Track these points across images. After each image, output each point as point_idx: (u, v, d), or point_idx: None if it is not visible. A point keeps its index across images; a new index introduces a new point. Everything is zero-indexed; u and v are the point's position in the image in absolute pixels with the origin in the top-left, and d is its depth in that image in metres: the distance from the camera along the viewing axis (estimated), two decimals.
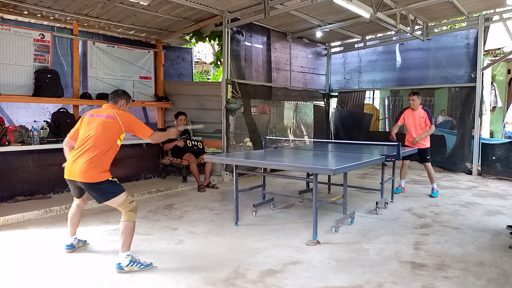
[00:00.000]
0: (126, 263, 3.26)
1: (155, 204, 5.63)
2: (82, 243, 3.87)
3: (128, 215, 3.34)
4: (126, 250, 3.30)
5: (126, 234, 3.30)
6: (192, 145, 6.87)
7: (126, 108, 3.68)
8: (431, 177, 6.31)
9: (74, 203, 3.73)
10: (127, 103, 3.69)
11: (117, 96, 3.64)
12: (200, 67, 14.71)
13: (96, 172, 3.31)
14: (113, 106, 3.59)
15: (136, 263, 3.30)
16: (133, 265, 3.28)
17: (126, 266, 3.26)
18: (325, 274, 3.22)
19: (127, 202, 3.36)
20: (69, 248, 3.71)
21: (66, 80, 6.63)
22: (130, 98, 3.74)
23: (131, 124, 3.49)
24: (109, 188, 3.35)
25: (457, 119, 8.66)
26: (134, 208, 3.39)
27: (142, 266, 3.31)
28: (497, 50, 9.98)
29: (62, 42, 6.67)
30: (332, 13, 7.67)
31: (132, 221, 3.34)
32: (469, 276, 3.21)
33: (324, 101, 10.50)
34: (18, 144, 5.28)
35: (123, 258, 3.28)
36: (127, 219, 3.33)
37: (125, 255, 3.28)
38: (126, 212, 3.34)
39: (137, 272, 3.25)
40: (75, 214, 3.73)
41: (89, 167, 3.29)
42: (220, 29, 7.46)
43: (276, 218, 4.90)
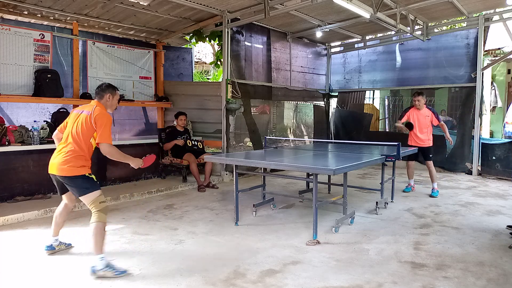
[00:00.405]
0: (101, 267, 3.17)
1: (155, 204, 5.63)
2: (64, 245, 3.78)
3: (97, 216, 3.28)
4: (99, 252, 3.22)
5: (96, 236, 3.23)
6: (192, 145, 6.87)
7: (113, 102, 3.59)
8: (432, 176, 6.33)
9: (62, 202, 3.68)
10: (113, 96, 3.58)
11: (101, 91, 3.55)
12: (200, 67, 14.71)
13: (72, 165, 3.30)
14: (97, 102, 3.51)
15: (111, 268, 3.20)
16: (108, 270, 3.18)
17: (99, 270, 3.17)
18: (325, 274, 3.22)
19: (98, 201, 3.32)
20: (48, 249, 3.64)
21: (66, 80, 6.63)
22: (115, 90, 3.62)
23: (98, 122, 3.33)
24: (84, 183, 3.33)
25: (457, 119, 8.66)
26: (104, 209, 3.34)
27: (117, 272, 3.20)
28: (497, 50, 9.97)
29: (62, 42, 6.66)
30: (332, 13, 7.67)
31: (102, 222, 3.28)
32: (469, 276, 3.21)
33: (324, 101, 10.50)
34: (18, 144, 5.28)
35: (98, 261, 3.19)
36: (97, 220, 3.26)
37: (99, 258, 3.20)
38: (96, 212, 3.29)
39: (112, 278, 3.14)
40: (61, 214, 3.67)
41: (66, 161, 3.31)
42: (220, 29, 7.46)
43: (276, 218, 4.90)
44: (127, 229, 4.41)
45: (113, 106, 3.64)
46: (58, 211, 3.68)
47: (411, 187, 6.60)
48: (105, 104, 3.55)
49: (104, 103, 3.54)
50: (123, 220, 4.81)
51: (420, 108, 6.37)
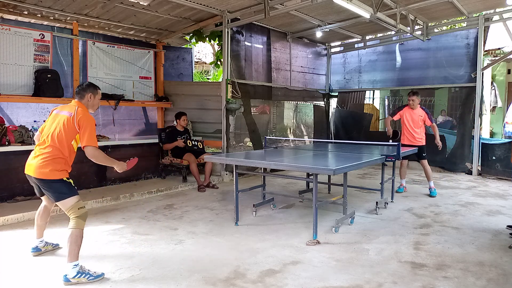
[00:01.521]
0: (73, 275, 3.06)
1: (155, 204, 5.63)
2: (51, 246, 3.73)
3: (75, 222, 3.16)
4: (73, 260, 3.09)
5: (72, 243, 3.10)
6: (192, 145, 6.87)
7: (94, 101, 3.47)
8: (428, 174, 6.36)
9: (42, 204, 3.61)
10: (94, 96, 3.45)
11: (82, 91, 3.41)
12: (200, 67, 14.71)
13: (50, 169, 3.17)
14: (78, 102, 3.37)
15: (84, 274, 3.09)
16: (81, 277, 3.07)
17: (73, 278, 3.05)
18: (325, 274, 3.22)
19: (76, 207, 3.19)
20: (34, 251, 3.58)
21: (66, 80, 6.63)
22: (96, 89, 3.49)
23: (82, 124, 3.21)
24: (61, 188, 3.20)
25: (457, 119, 8.66)
26: (83, 215, 3.21)
27: (91, 277, 3.09)
28: (497, 50, 9.98)
29: (62, 42, 6.66)
30: (332, 13, 7.67)
31: (80, 229, 3.16)
32: (469, 276, 3.21)
33: (324, 101, 10.50)
34: (18, 144, 5.28)
35: (70, 269, 3.07)
36: (74, 226, 3.14)
37: (71, 266, 3.08)
38: (74, 218, 3.17)
39: (86, 283, 3.04)
40: (41, 216, 3.59)
41: (43, 164, 3.17)
42: (220, 29, 7.46)
43: (276, 218, 4.90)
44: (127, 229, 4.41)
45: (94, 106, 3.50)
46: (38, 213, 3.61)
47: (403, 187, 6.59)
48: (86, 104, 3.41)
49: (86, 103, 3.41)
50: (123, 220, 4.81)
51: (414, 107, 6.41)
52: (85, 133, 3.21)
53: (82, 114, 3.27)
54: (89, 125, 3.23)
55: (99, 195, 5.76)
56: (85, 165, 6.00)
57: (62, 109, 3.38)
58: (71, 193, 3.22)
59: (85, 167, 5.99)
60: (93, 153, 3.23)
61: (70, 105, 3.38)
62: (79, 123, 3.22)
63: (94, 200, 5.48)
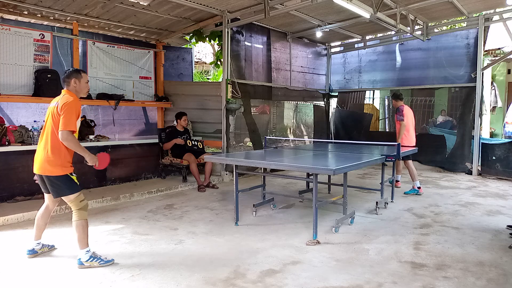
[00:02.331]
0: (86, 259, 3.31)
1: (155, 204, 5.63)
2: (47, 248, 3.72)
3: (78, 214, 3.33)
4: (84, 247, 3.33)
5: (80, 233, 3.32)
6: (192, 145, 6.87)
7: (81, 85, 3.45)
8: (412, 174, 6.38)
9: (44, 204, 3.62)
10: (79, 80, 3.43)
11: (66, 78, 3.43)
12: (200, 67, 14.71)
13: (52, 165, 3.26)
14: (66, 90, 3.41)
15: (96, 258, 3.34)
16: (93, 261, 3.32)
17: (86, 261, 3.30)
18: (325, 274, 3.22)
19: (78, 200, 3.34)
20: (30, 253, 3.56)
21: None
22: (80, 73, 3.46)
23: (64, 108, 3.21)
24: (64, 185, 3.30)
25: (457, 119, 8.66)
26: (84, 207, 3.38)
27: (102, 261, 3.34)
28: (497, 50, 9.98)
29: (62, 42, 6.66)
30: (332, 13, 7.67)
31: (84, 219, 3.35)
32: (469, 276, 3.21)
33: (324, 101, 10.50)
34: (18, 144, 5.28)
35: (83, 254, 3.32)
36: (78, 218, 3.33)
37: (84, 252, 3.33)
38: (76, 210, 3.33)
39: (98, 267, 3.30)
40: (42, 216, 3.60)
41: (45, 160, 3.27)
42: (220, 29, 7.46)
43: (276, 218, 4.90)
44: (127, 229, 4.41)
45: (83, 89, 3.49)
46: (39, 214, 3.62)
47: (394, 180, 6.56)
48: (74, 90, 3.42)
49: (73, 89, 3.42)
50: (123, 220, 4.81)
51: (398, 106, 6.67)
52: (63, 117, 3.19)
53: (65, 100, 3.28)
54: (68, 110, 3.21)
55: (99, 195, 5.76)
56: (85, 165, 5.97)
57: (53, 101, 3.42)
58: (72, 190, 3.33)
59: (85, 167, 5.92)
60: (65, 137, 3.20)
61: (60, 95, 3.41)
62: (61, 109, 3.23)
63: (94, 200, 5.48)
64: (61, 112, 3.22)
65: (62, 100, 3.29)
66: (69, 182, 3.33)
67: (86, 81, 3.54)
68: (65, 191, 3.32)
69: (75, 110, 3.28)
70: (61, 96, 3.39)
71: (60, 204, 5.14)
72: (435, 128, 9.22)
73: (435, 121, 9.41)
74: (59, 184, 3.31)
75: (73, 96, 3.38)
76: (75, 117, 3.27)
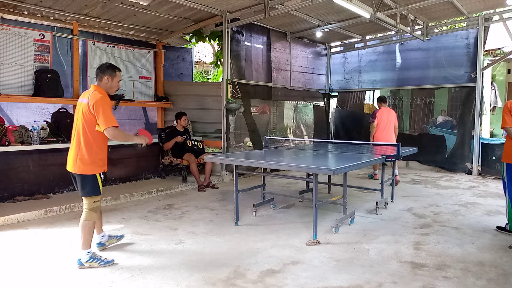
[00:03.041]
0: (86, 259, 3.32)
1: (155, 204, 5.63)
2: (116, 238, 3.89)
3: (87, 214, 3.37)
4: (86, 248, 3.35)
5: (85, 233, 3.35)
6: (192, 145, 6.87)
7: (113, 84, 3.44)
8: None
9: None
10: (112, 78, 3.41)
11: (100, 73, 3.40)
12: (200, 67, 14.71)
13: (84, 163, 3.30)
14: (95, 86, 3.39)
15: (96, 259, 3.35)
16: (93, 261, 3.33)
17: (86, 262, 3.32)
18: (325, 274, 3.22)
19: (92, 200, 3.38)
20: (99, 246, 3.72)
21: (66, 80, 6.63)
22: (115, 71, 3.44)
23: (96, 108, 3.21)
24: (88, 185, 3.34)
25: (457, 119, 8.66)
26: (95, 208, 3.41)
27: (102, 262, 3.35)
28: (497, 50, 9.98)
29: (62, 42, 6.66)
30: (332, 13, 7.67)
31: (91, 220, 3.38)
32: (469, 276, 3.21)
33: (324, 101, 10.49)
34: (18, 144, 5.28)
35: (84, 255, 3.33)
36: (86, 218, 3.37)
37: (85, 252, 3.34)
38: (87, 210, 3.38)
39: (98, 268, 3.31)
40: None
41: (78, 158, 3.30)
42: (220, 29, 7.46)
43: (276, 218, 4.90)
44: (127, 229, 4.41)
45: (113, 88, 3.48)
46: None
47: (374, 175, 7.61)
48: (105, 87, 3.42)
49: (104, 86, 3.41)
50: (123, 220, 4.81)
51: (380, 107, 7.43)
52: (100, 116, 3.22)
53: (95, 98, 3.26)
54: (101, 107, 3.22)
55: None
56: None
57: (82, 97, 3.41)
58: (93, 193, 3.37)
59: None
60: (113, 133, 3.26)
61: (88, 90, 3.41)
62: (94, 108, 3.23)
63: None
64: (95, 111, 3.22)
65: (91, 98, 3.26)
66: (94, 183, 3.36)
67: (118, 80, 3.51)
68: (88, 192, 3.36)
69: (108, 105, 3.31)
70: (90, 92, 3.35)
71: (60, 204, 5.18)
72: (435, 128, 9.22)
73: (435, 121, 9.40)
74: (85, 182, 3.34)
75: (102, 92, 3.37)
76: (111, 111, 3.31)
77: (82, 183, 3.35)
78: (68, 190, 5.96)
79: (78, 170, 3.31)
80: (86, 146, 3.29)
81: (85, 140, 3.29)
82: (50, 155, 5.72)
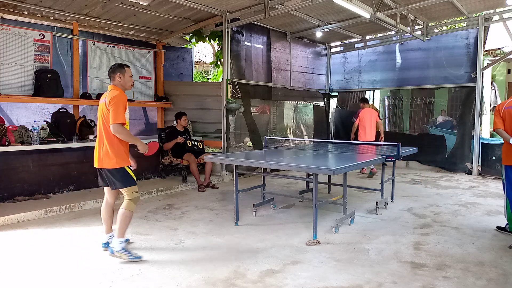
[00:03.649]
0: (118, 249, 3.45)
1: (155, 204, 5.63)
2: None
3: (127, 204, 3.50)
4: (120, 237, 3.48)
5: (121, 221, 3.48)
6: (192, 145, 6.87)
7: (126, 79, 3.61)
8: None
9: (104, 199, 3.79)
10: (123, 74, 3.59)
11: (111, 74, 3.59)
12: (200, 67, 14.71)
13: (109, 158, 3.46)
14: (111, 86, 3.58)
15: (127, 251, 3.47)
16: (123, 253, 3.45)
17: (117, 252, 3.46)
18: (325, 274, 3.22)
19: (131, 190, 3.51)
20: (105, 247, 3.74)
21: (66, 80, 6.63)
22: (123, 67, 3.61)
23: (110, 102, 3.38)
24: (121, 177, 3.48)
25: (457, 119, 8.66)
26: (135, 199, 3.52)
27: (131, 256, 3.45)
28: (497, 50, 9.97)
29: (62, 42, 6.66)
30: (332, 13, 7.67)
31: (129, 211, 3.50)
32: (469, 276, 3.21)
33: (324, 101, 10.49)
34: (18, 144, 5.27)
35: (117, 244, 3.47)
36: (125, 208, 3.49)
37: (119, 241, 3.47)
38: (126, 200, 3.51)
39: (126, 260, 3.42)
40: (104, 210, 3.76)
41: (103, 154, 3.48)
42: (220, 29, 7.46)
43: (276, 218, 4.90)
44: (127, 229, 4.40)
45: (127, 83, 3.64)
46: (102, 209, 3.79)
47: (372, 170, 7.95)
48: (119, 84, 3.58)
49: (118, 84, 3.58)
50: None
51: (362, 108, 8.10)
52: (111, 111, 3.38)
53: (112, 95, 3.44)
54: (115, 104, 3.38)
55: (99, 195, 5.75)
56: (85, 165, 6.00)
57: (102, 98, 3.60)
58: (128, 184, 3.50)
59: (85, 167, 5.99)
60: (116, 129, 3.38)
61: (107, 91, 3.58)
62: (109, 104, 3.40)
63: (94, 200, 5.48)
64: (109, 107, 3.39)
65: (109, 96, 3.45)
66: (125, 174, 3.50)
67: (130, 75, 3.67)
68: (121, 183, 3.49)
69: (122, 103, 3.44)
70: (108, 92, 3.54)
71: (60, 204, 5.17)
72: (435, 128, 9.22)
73: (435, 121, 9.40)
74: (116, 176, 3.48)
75: (119, 90, 3.55)
76: (123, 110, 3.42)
77: (113, 177, 3.50)
78: (68, 190, 5.96)
79: (106, 165, 3.48)
80: (109, 142, 3.47)
81: (107, 137, 3.47)
82: (50, 155, 5.72)
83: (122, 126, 3.41)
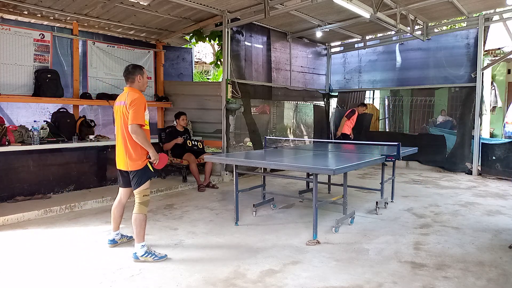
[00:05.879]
0: (141, 254, 3.45)
1: (155, 204, 5.63)
2: (126, 238, 3.95)
3: (138, 207, 3.51)
4: (140, 241, 3.47)
5: (137, 226, 3.48)
6: (192, 145, 6.87)
7: (144, 80, 3.61)
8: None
9: (118, 196, 3.82)
10: (142, 76, 3.59)
11: (130, 75, 3.55)
12: (200, 67, 14.71)
13: (134, 160, 3.49)
14: (129, 88, 3.55)
15: (151, 254, 3.47)
16: (148, 256, 3.45)
17: (141, 256, 3.44)
18: (325, 274, 3.22)
19: (142, 194, 3.53)
20: (111, 243, 3.81)
21: (66, 80, 6.63)
22: (142, 69, 3.62)
23: (131, 104, 3.39)
24: (143, 175, 3.53)
25: (457, 119, 8.66)
26: (145, 202, 3.54)
27: (156, 257, 3.46)
28: (497, 50, 9.98)
29: (62, 42, 6.67)
30: (332, 13, 7.67)
31: (143, 214, 3.50)
32: (469, 276, 3.21)
33: (324, 101, 10.49)
34: (18, 144, 5.27)
35: (139, 249, 3.46)
36: (137, 211, 3.50)
37: (140, 246, 3.46)
38: (137, 204, 3.52)
39: (151, 263, 3.41)
40: (116, 208, 3.81)
41: (127, 157, 3.51)
42: (220, 29, 7.46)
43: (276, 218, 4.90)
44: (127, 229, 4.40)
45: (145, 84, 3.66)
46: (113, 207, 3.85)
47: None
48: (138, 86, 3.57)
49: (137, 86, 3.57)
50: (123, 220, 4.74)
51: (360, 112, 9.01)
52: (131, 112, 3.38)
53: (133, 97, 3.43)
54: (136, 105, 3.39)
55: (99, 195, 5.76)
56: (85, 165, 6.01)
57: (118, 100, 3.58)
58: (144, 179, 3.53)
59: (85, 167, 5.99)
60: (134, 130, 3.39)
61: (123, 93, 3.55)
62: (130, 106, 3.40)
63: (94, 200, 5.48)
64: (130, 109, 3.39)
65: (129, 98, 3.44)
66: (146, 171, 3.54)
67: (146, 76, 3.72)
68: (143, 181, 3.53)
69: (143, 105, 3.46)
70: (126, 94, 3.51)
71: (60, 204, 5.17)
72: (435, 128, 9.22)
73: (435, 121, 9.40)
74: (140, 176, 3.52)
75: (138, 92, 3.54)
76: (143, 111, 3.45)
77: (138, 178, 3.52)
78: (68, 190, 5.96)
79: (131, 168, 3.51)
80: (132, 144, 3.48)
81: (130, 139, 3.48)
82: (50, 155, 5.72)
83: (140, 128, 3.42)
